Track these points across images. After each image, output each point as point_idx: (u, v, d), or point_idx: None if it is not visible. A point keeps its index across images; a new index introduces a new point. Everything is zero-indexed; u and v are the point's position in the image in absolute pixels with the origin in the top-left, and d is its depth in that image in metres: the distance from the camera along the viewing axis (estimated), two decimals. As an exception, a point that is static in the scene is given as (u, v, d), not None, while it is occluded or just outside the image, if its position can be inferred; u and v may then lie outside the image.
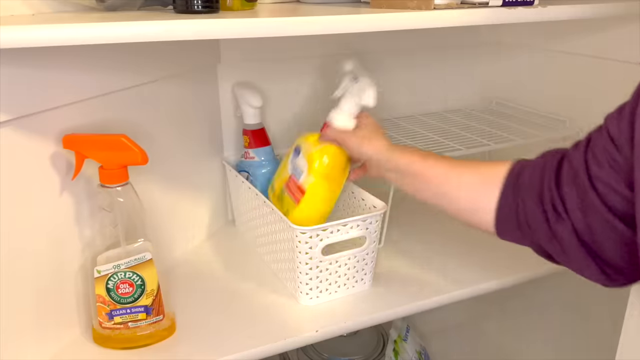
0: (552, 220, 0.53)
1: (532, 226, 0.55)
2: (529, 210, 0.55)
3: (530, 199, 0.55)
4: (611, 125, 0.49)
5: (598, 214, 0.50)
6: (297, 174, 0.74)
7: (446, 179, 0.61)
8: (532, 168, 0.56)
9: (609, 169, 0.49)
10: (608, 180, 0.49)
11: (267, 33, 0.52)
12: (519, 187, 0.56)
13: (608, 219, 0.49)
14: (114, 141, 0.60)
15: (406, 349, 1.01)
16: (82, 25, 0.46)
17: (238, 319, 0.70)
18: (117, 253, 0.64)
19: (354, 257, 0.73)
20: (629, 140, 0.46)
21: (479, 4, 0.63)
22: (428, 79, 1.11)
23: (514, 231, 0.58)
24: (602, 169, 0.49)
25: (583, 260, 0.53)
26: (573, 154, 0.53)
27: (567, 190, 0.52)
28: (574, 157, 0.52)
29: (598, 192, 0.49)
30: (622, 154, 0.48)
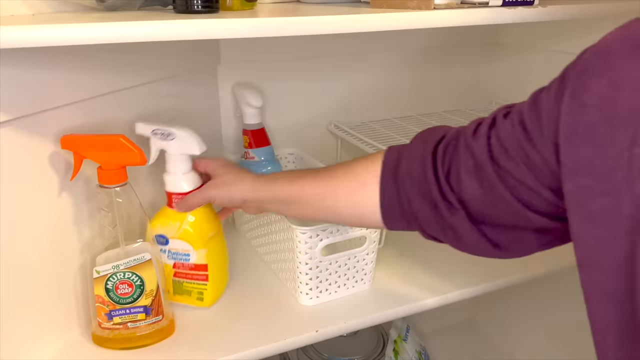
0: (444, 211, 0.53)
1: (420, 218, 0.55)
2: (415, 204, 0.54)
3: (415, 192, 0.54)
4: (528, 119, 0.47)
5: (508, 206, 0.49)
6: (182, 258, 0.69)
7: (322, 195, 0.60)
8: (409, 159, 0.55)
9: (523, 167, 0.47)
10: (523, 179, 0.48)
11: (267, 33, 0.52)
12: (400, 181, 0.55)
13: (519, 210, 0.49)
14: (112, 141, 0.60)
15: (406, 349, 1.01)
16: (82, 25, 0.46)
17: (238, 319, 0.70)
18: (116, 253, 0.63)
19: (354, 257, 0.73)
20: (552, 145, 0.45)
21: (479, 4, 0.62)
22: (428, 79, 1.11)
23: (402, 223, 0.58)
24: (517, 167, 0.48)
25: (478, 243, 0.54)
26: (473, 144, 0.51)
27: (466, 182, 0.51)
28: (475, 148, 0.50)
29: (508, 187, 0.49)
30: (540, 154, 0.46)
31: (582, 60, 0.44)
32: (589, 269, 0.43)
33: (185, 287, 0.71)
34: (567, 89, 0.44)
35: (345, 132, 0.99)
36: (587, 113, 0.42)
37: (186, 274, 0.70)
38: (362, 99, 1.06)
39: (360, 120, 1.05)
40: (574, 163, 0.42)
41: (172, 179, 0.66)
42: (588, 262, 0.43)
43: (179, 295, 0.72)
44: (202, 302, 0.71)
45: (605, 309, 0.42)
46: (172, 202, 0.67)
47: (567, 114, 0.43)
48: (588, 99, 0.42)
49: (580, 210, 0.42)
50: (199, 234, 0.68)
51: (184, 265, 0.70)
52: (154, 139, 0.64)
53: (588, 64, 0.43)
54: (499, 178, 0.49)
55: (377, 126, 1.01)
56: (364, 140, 0.92)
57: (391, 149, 0.58)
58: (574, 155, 0.42)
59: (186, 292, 0.71)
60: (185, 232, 0.67)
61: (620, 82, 0.40)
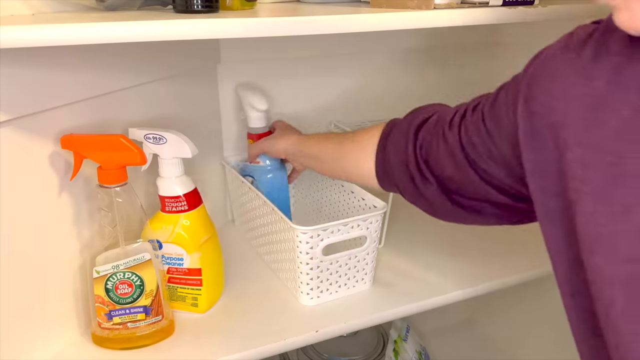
0: (419, 183, 0.60)
1: (399, 186, 0.63)
2: (396, 173, 0.62)
3: (397, 163, 0.62)
4: (488, 119, 0.53)
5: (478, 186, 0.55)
6: (176, 263, 0.69)
7: (338, 156, 0.70)
8: (396, 133, 0.63)
9: (487, 159, 0.53)
10: (488, 169, 0.54)
11: (267, 33, 0.52)
12: (387, 151, 0.64)
13: (488, 190, 0.55)
14: (112, 141, 0.60)
15: (406, 349, 1.01)
16: (82, 25, 0.46)
17: (238, 319, 0.70)
18: (116, 253, 0.63)
19: (354, 256, 0.73)
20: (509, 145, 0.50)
21: (479, 4, 0.63)
22: (428, 78, 1.11)
23: (392, 187, 0.66)
24: (481, 158, 0.54)
25: (452, 211, 0.60)
26: (448, 134, 0.57)
27: (443, 162, 0.57)
28: (449, 137, 0.57)
29: (478, 173, 0.55)
30: (499, 150, 0.52)
31: (532, 67, 0.48)
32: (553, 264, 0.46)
33: (179, 293, 0.71)
34: (520, 95, 0.48)
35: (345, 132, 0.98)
36: (535, 120, 0.46)
37: (180, 279, 0.70)
38: (362, 99, 1.06)
39: (360, 120, 1.04)
40: (531, 165, 0.47)
41: (165, 183, 0.67)
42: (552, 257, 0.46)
43: (173, 301, 0.71)
44: (197, 309, 0.71)
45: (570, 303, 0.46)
46: (166, 206, 0.67)
47: (522, 119, 0.47)
48: (535, 107, 0.46)
49: (540, 209, 0.46)
50: (192, 237, 0.68)
51: (177, 270, 0.69)
52: (146, 143, 0.65)
53: (535, 71, 0.47)
54: (469, 164, 0.55)
55: (377, 126, 1.01)
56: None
57: (390, 122, 0.66)
58: (531, 158, 0.46)
59: (180, 298, 0.71)
60: (179, 235, 0.67)
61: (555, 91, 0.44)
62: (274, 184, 0.86)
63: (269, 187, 0.86)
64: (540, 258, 0.84)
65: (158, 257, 0.67)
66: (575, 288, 0.44)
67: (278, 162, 0.87)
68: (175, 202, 0.67)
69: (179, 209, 0.67)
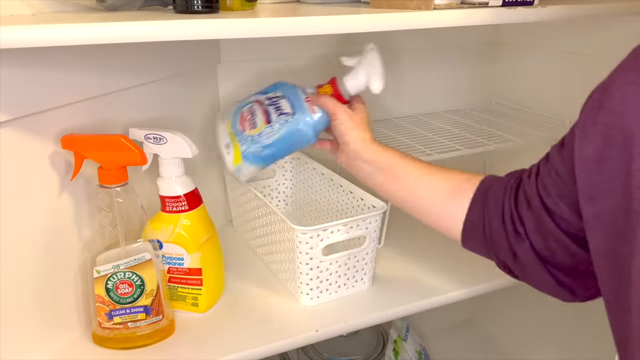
0: (512, 239, 0.56)
1: (495, 242, 0.58)
2: (494, 227, 0.58)
3: (495, 216, 0.58)
4: (554, 157, 0.52)
5: (555, 237, 0.53)
6: (176, 262, 0.69)
7: (420, 181, 0.63)
8: (498, 186, 0.59)
9: (558, 201, 0.52)
10: (559, 212, 0.52)
11: (267, 33, 0.52)
12: (487, 203, 0.59)
13: (564, 241, 0.52)
14: (112, 141, 0.60)
15: (406, 349, 1.01)
16: (82, 25, 0.46)
17: (238, 319, 0.70)
18: (117, 253, 0.63)
19: (354, 256, 0.73)
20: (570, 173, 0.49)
21: (479, 4, 0.63)
22: (428, 78, 1.11)
23: (479, 243, 0.61)
24: (553, 201, 0.52)
25: (541, 277, 0.56)
26: (527, 182, 0.56)
27: (525, 214, 0.55)
28: (527, 185, 0.56)
29: (553, 219, 0.53)
30: (567, 186, 0.50)
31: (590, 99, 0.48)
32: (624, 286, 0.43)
33: (179, 293, 0.71)
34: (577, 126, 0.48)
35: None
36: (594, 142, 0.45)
37: (180, 279, 0.70)
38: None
39: (360, 120, 1.04)
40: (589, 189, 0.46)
41: (165, 183, 0.67)
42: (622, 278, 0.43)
43: (173, 301, 0.71)
44: (197, 308, 0.71)
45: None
46: (166, 206, 0.67)
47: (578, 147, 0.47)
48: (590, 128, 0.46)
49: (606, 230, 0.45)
50: (192, 237, 0.68)
51: (178, 270, 0.69)
52: (147, 143, 0.65)
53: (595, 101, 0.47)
54: (546, 211, 0.53)
55: (377, 126, 1.01)
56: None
57: (490, 176, 0.62)
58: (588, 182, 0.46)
59: (180, 298, 0.71)
60: (179, 235, 0.67)
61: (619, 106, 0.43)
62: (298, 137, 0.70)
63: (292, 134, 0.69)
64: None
65: (158, 257, 0.67)
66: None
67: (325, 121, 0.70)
68: (175, 202, 0.67)
69: (180, 209, 0.67)
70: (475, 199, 0.60)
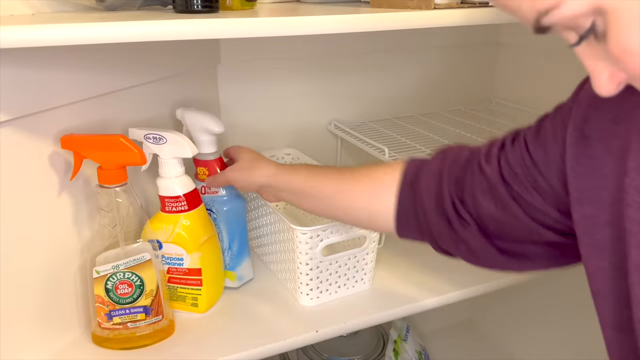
0: (457, 226, 0.54)
1: (434, 231, 0.56)
2: (431, 217, 0.56)
3: (431, 206, 0.55)
4: (532, 147, 0.49)
5: (521, 223, 0.51)
6: (176, 263, 0.69)
7: (339, 193, 0.61)
8: (427, 174, 0.57)
9: (532, 191, 0.49)
10: (532, 201, 0.49)
11: (267, 33, 0.52)
12: (417, 195, 0.56)
13: (532, 227, 0.50)
14: (112, 141, 0.60)
15: (406, 349, 1.01)
16: (82, 25, 0.46)
17: (237, 319, 0.70)
18: (116, 253, 0.63)
19: (354, 257, 0.73)
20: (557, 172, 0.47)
21: (479, 3, 0.63)
22: (428, 78, 1.11)
23: (415, 233, 0.59)
24: (526, 190, 0.49)
25: (493, 257, 0.54)
26: (485, 166, 0.52)
27: (481, 201, 0.52)
28: (487, 170, 0.52)
29: (522, 207, 0.50)
30: (547, 180, 0.48)
31: (584, 91, 0.45)
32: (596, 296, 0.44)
33: (179, 293, 0.71)
34: (570, 119, 0.45)
35: (345, 132, 0.99)
36: (590, 145, 0.43)
37: (180, 279, 0.70)
38: (362, 99, 1.06)
39: (360, 120, 1.05)
40: (578, 192, 0.44)
41: (165, 183, 0.67)
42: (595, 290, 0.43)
43: (173, 301, 0.71)
44: (197, 309, 0.71)
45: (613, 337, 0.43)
46: (166, 206, 0.67)
47: (571, 145, 0.44)
48: (590, 131, 0.43)
49: (586, 239, 0.43)
50: (192, 237, 0.68)
51: (177, 270, 0.69)
52: (146, 143, 0.65)
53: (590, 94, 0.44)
54: (513, 199, 0.50)
55: (377, 126, 1.01)
56: (364, 140, 0.92)
57: (412, 161, 0.59)
58: (579, 185, 0.44)
59: (180, 298, 0.71)
60: (179, 235, 0.67)
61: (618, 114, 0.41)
62: (234, 215, 0.75)
63: (231, 220, 0.75)
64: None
65: (158, 257, 0.67)
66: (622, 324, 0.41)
67: (236, 190, 0.75)
68: (175, 202, 0.67)
69: (179, 209, 0.67)
70: (401, 193, 0.57)
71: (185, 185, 0.67)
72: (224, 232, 0.75)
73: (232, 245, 0.75)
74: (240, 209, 0.76)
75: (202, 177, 0.73)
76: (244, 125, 0.96)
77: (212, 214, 0.74)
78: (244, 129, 0.96)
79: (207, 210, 0.72)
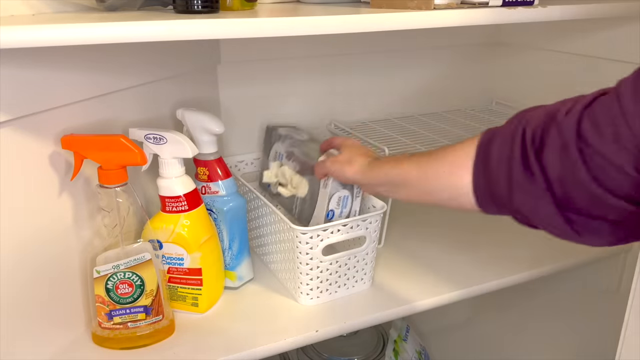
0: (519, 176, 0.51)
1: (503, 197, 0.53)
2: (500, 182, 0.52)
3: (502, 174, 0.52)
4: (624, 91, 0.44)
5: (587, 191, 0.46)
6: (176, 262, 0.69)
7: (424, 178, 0.61)
8: (500, 141, 0.54)
9: (611, 143, 0.44)
10: (609, 155, 0.44)
11: (267, 33, 0.52)
12: (490, 164, 0.54)
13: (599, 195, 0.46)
14: (112, 141, 0.60)
15: (406, 349, 1.01)
16: (82, 25, 0.46)
17: (238, 319, 0.70)
18: (117, 253, 0.63)
19: (354, 257, 0.73)
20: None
21: (479, 4, 0.63)
22: (428, 78, 1.11)
23: (494, 207, 0.56)
24: (604, 142, 0.44)
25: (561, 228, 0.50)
26: (564, 121, 0.48)
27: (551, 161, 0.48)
28: (564, 125, 0.48)
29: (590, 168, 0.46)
30: (632, 131, 0.43)
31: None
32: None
33: (179, 293, 0.71)
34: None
35: (345, 132, 0.99)
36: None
37: (180, 279, 0.70)
38: (362, 99, 1.06)
39: (360, 120, 1.05)
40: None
41: (166, 183, 0.67)
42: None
43: (173, 301, 0.71)
44: (197, 308, 0.71)
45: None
46: (166, 206, 0.67)
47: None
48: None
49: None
50: (192, 237, 0.68)
51: (177, 270, 0.69)
52: (146, 143, 0.65)
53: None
54: (582, 158, 0.46)
55: (377, 126, 1.01)
56: (364, 140, 0.92)
57: (487, 132, 0.57)
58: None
59: (180, 298, 0.71)
60: (179, 235, 0.67)
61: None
62: (234, 215, 0.75)
63: (228, 219, 0.75)
64: (541, 258, 0.84)
65: (158, 257, 0.67)
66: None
67: (236, 191, 0.76)
68: (175, 202, 0.67)
69: (179, 209, 0.67)
70: (476, 165, 0.56)
71: (185, 185, 0.67)
72: (224, 232, 0.75)
73: (233, 245, 0.75)
74: (241, 209, 0.76)
75: (202, 177, 0.73)
76: (244, 125, 0.96)
77: (212, 214, 0.74)
78: (244, 129, 0.96)
79: (207, 210, 0.72)
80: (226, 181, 0.74)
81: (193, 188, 0.68)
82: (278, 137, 0.85)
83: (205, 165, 0.73)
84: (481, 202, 0.56)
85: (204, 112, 0.72)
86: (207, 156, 0.72)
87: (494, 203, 0.55)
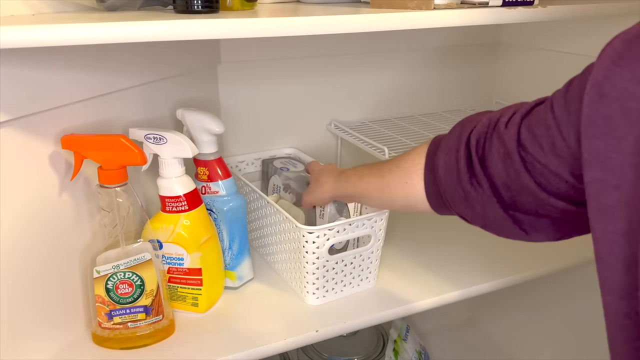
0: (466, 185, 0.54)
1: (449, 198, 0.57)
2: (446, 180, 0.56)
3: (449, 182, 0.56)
4: (557, 106, 0.47)
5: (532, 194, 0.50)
6: (176, 262, 0.69)
7: (386, 188, 0.64)
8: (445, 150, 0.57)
9: (549, 153, 0.47)
10: (547, 164, 0.47)
11: (267, 33, 0.52)
12: (436, 172, 0.57)
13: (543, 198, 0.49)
14: (112, 141, 0.60)
15: (406, 349, 1.01)
16: (82, 25, 0.46)
17: (238, 319, 0.70)
18: (117, 253, 0.63)
19: (359, 255, 0.73)
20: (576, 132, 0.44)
21: (479, 4, 0.63)
22: (428, 78, 1.11)
23: (446, 211, 0.60)
24: (542, 152, 0.47)
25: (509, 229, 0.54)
26: (505, 132, 0.51)
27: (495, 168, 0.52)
28: (505, 135, 0.51)
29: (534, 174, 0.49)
30: (566, 141, 0.46)
31: (609, 47, 0.43)
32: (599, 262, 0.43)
33: (179, 293, 0.71)
34: (590, 77, 0.43)
35: (345, 132, 0.99)
36: (606, 104, 0.41)
37: (180, 279, 0.70)
38: (362, 99, 1.06)
39: (360, 120, 1.05)
40: (589, 154, 0.42)
41: (166, 183, 0.67)
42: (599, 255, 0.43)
43: (173, 301, 0.71)
44: (197, 308, 0.71)
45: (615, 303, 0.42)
46: (166, 206, 0.67)
47: (586, 105, 0.42)
48: (609, 91, 0.41)
49: (594, 203, 0.42)
50: (192, 237, 0.68)
51: (177, 270, 0.69)
52: (147, 143, 0.65)
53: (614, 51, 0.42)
54: (524, 166, 0.49)
55: (377, 126, 1.01)
56: (364, 140, 0.92)
57: (434, 140, 0.60)
58: (590, 146, 0.42)
59: (180, 298, 0.71)
60: (179, 235, 0.67)
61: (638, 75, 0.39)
62: (234, 215, 0.75)
63: (228, 219, 0.75)
64: (540, 258, 0.84)
65: (158, 257, 0.67)
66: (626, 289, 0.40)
67: (236, 190, 0.76)
68: (175, 202, 0.67)
69: (180, 209, 0.67)
70: (426, 174, 0.59)
71: (185, 185, 0.67)
72: (224, 232, 0.75)
73: (233, 245, 0.75)
74: (241, 208, 0.76)
75: (202, 177, 0.73)
76: (244, 125, 0.96)
77: (212, 214, 0.74)
78: (244, 129, 0.96)
79: (207, 210, 0.72)
80: (226, 181, 0.74)
81: (193, 188, 0.68)
82: (274, 170, 0.87)
83: (205, 165, 0.73)
84: (435, 207, 0.60)
85: (204, 112, 0.72)
86: (207, 156, 0.73)
87: (446, 207, 0.59)
